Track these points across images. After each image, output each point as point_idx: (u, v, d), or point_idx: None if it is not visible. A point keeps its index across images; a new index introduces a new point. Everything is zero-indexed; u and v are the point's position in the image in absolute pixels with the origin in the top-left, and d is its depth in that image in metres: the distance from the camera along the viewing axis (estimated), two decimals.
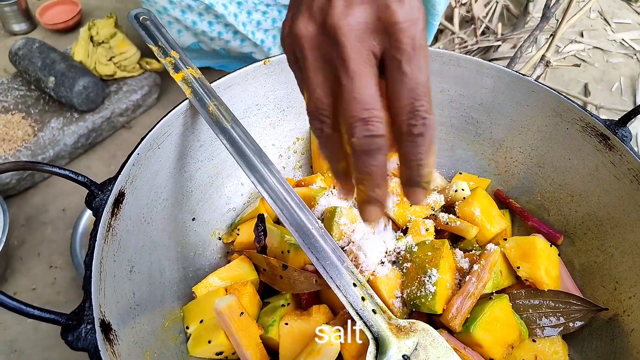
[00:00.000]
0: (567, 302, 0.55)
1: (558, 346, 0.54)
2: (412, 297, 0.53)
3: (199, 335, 0.53)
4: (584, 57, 1.50)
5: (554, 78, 1.42)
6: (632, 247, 0.55)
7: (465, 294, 0.52)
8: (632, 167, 0.56)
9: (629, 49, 1.54)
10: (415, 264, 0.54)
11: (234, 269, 0.57)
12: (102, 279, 0.46)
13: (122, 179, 0.53)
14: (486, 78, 0.67)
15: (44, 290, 1.02)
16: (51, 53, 1.15)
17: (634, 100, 1.38)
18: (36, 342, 0.96)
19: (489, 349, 0.51)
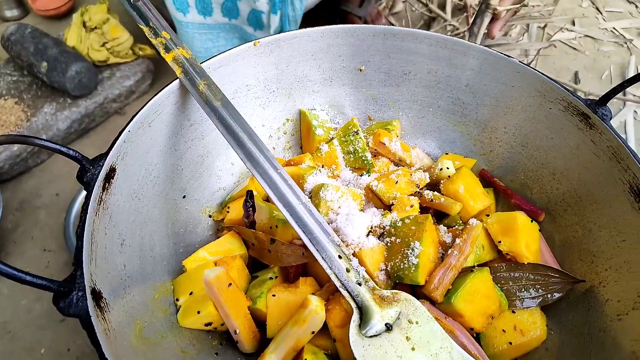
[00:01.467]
0: (546, 275, 0.57)
1: (536, 317, 0.56)
2: (395, 269, 0.54)
3: (189, 307, 0.54)
4: (575, 45, 1.51)
5: (545, 66, 1.44)
6: (609, 222, 0.57)
7: (447, 266, 0.54)
8: (611, 144, 0.57)
9: (620, 38, 1.55)
10: (399, 237, 0.56)
11: (223, 244, 0.59)
12: (94, 250, 0.48)
13: (113, 155, 0.54)
14: (472, 59, 0.68)
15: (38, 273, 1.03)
16: (44, 38, 1.15)
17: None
18: (29, 323, 0.98)
19: (469, 318, 0.53)
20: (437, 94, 0.73)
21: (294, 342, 0.51)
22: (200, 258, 0.57)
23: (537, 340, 0.55)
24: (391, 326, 0.49)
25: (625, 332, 0.49)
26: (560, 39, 1.51)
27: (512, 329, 0.55)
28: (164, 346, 0.50)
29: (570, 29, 1.55)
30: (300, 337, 0.51)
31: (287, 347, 0.51)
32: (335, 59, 0.72)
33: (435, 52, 0.69)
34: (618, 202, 0.56)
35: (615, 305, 0.52)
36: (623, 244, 0.54)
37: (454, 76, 0.71)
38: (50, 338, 0.96)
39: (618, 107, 1.35)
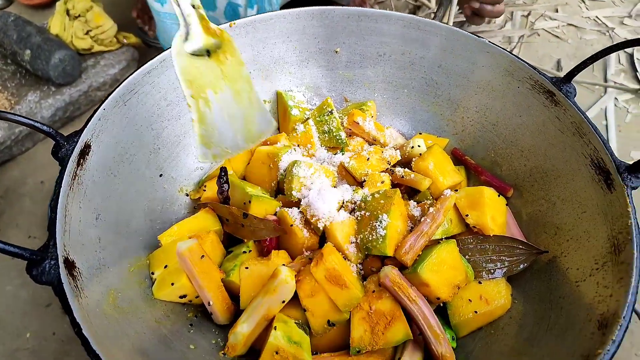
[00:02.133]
0: (511, 247, 0.59)
1: (502, 287, 0.58)
2: (365, 241, 0.56)
3: (163, 279, 0.56)
4: (558, 33, 1.53)
5: (528, 53, 1.45)
6: (572, 195, 0.58)
7: (419, 232, 0.56)
8: (574, 120, 0.59)
9: (602, 26, 1.57)
10: (368, 211, 0.57)
11: (198, 220, 0.60)
12: (67, 222, 0.49)
13: (88, 132, 0.55)
14: (443, 40, 0.70)
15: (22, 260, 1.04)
16: (27, 26, 1.16)
17: (605, 75, 1.42)
18: (14, 309, 0.99)
19: (435, 288, 0.54)
20: (411, 74, 0.74)
21: (265, 311, 0.52)
22: (175, 232, 0.59)
23: (502, 308, 0.57)
24: (209, 53, 0.58)
25: (582, 296, 0.51)
26: (544, 27, 1.53)
27: (477, 299, 0.57)
28: (138, 316, 0.51)
29: (553, 18, 1.57)
30: (271, 307, 0.53)
31: (258, 316, 0.53)
32: (311, 41, 0.73)
33: (408, 34, 0.71)
34: (580, 175, 0.58)
35: (574, 273, 0.54)
36: (583, 215, 0.56)
37: (426, 57, 0.72)
38: (35, 323, 0.97)
39: (599, 94, 1.37)
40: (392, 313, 0.53)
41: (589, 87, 1.37)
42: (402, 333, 0.52)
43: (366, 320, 0.53)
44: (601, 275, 0.50)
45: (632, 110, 1.31)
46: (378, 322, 0.53)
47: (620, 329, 0.43)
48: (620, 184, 0.52)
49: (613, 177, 0.53)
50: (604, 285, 0.49)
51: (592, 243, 0.53)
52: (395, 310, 0.53)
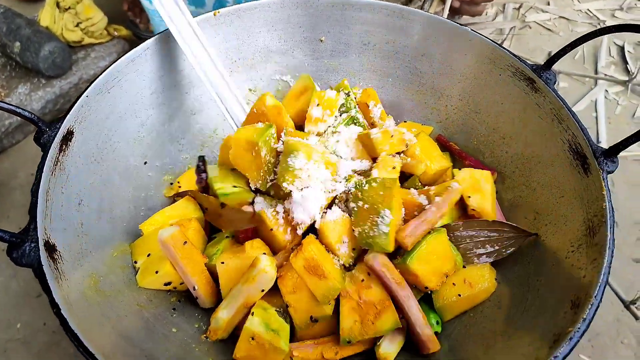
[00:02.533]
0: (501, 231, 0.59)
1: (486, 271, 0.59)
2: (364, 236, 0.55)
3: (147, 268, 0.56)
4: (549, 26, 1.54)
5: (519, 46, 1.46)
6: (551, 180, 0.59)
7: (422, 218, 0.55)
8: (553, 106, 0.60)
9: (594, 19, 1.58)
10: (367, 203, 0.56)
11: (179, 208, 0.61)
12: (49, 206, 0.50)
13: (71, 119, 0.56)
14: (427, 29, 0.70)
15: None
16: (16, 18, 1.16)
17: (595, 68, 1.43)
18: (6, 301, 0.99)
19: (423, 278, 0.54)
20: (395, 63, 0.75)
21: (244, 299, 0.53)
22: (157, 221, 0.59)
23: (486, 292, 0.58)
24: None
25: (558, 278, 0.51)
26: (535, 19, 1.53)
27: (461, 282, 0.57)
28: (120, 300, 0.52)
29: (544, 10, 1.57)
30: (250, 295, 0.53)
31: (237, 303, 0.53)
32: (296, 30, 0.74)
33: (392, 22, 0.71)
34: (559, 161, 0.58)
35: (551, 256, 0.54)
36: (561, 199, 0.57)
37: (410, 46, 0.72)
38: (26, 314, 0.97)
39: (590, 86, 1.38)
40: (382, 303, 0.53)
41: (580, 79, 1.37)
42: (391, 322, 0.52)
43: (356, 311, 0.53)
44: (576, 257, 0.51)
45: (622, 103, 1.32)
46: (368, 312, 0.53)
47: (592, 308, 0.44)
48: (596, 168, 0.53)
49: (589, 161, 0.54)
50: (578, 267, 0.50)
51: (569, 227, 0.54)
52: (384, 300, 0.53)
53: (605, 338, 0.92)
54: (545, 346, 0.44)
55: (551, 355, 0.41)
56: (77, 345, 0.41)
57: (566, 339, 0.42)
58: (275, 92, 0.78)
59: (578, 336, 0.42)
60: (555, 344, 0.43)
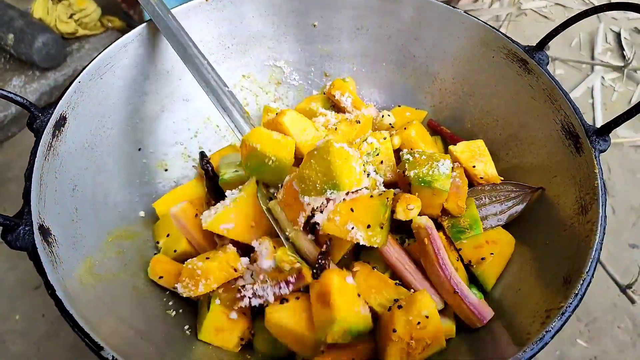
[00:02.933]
0: (506, 192, 0.60)
1: (501, 230, 0.60)
2: (422, 175, 0.55)
3: (167, 248, 0.59)
4: (545, 13, 1.53)
5: (515, 32, 1.45)
6: (544, 161, 0.59)
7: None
8: (546, 87, 0.60)
9: (589, 5, 1.57)
10: (424, 154, 0.58)
11: (189, 187, 0.64)
12: (43, 191, 0.50)
13: (63, 104, 0.56)
14: (419, 12, 0.70)
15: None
16: (8, 10, 1.15)
17: (592, 54, 1.42)
18: (4, 292, 0.99)
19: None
20: (389, 48, 0.75)
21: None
22: (169, 200, 0.62)
23: (510, 245, 0.58)
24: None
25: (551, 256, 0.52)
26: (531, 7, 1.53)
27: (485, 244, 0.57)
28: (115, 283, 0.52)
29: None
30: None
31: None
32: (288, 15, 0.73)
33: (384, 6, 0.71)
34: (552, 141, 0.59)
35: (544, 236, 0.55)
36: (554, 179, 0.57)
37: (403, 30, 0.72)
38: (24, 305, 0.97)
39: (586, 72, 1.37)
40: (433, 337, 0.48)
41: (576, 65, 1.37)
42: (439, 346, 0.49)
43: (404, 350, 0.48)
44: (569, 235, 0.51)
45: (619, 89, 1.32)
46: (417, 347, 0.48)
47: (583, 283, 0.44)
48: (589, 147, 0.53)
49: (582, 140, 0.54)
50: (570, 244, 0.50)
51: (561, 206, 0.54)
52: (437, 332, 0.49)
53: (602, 322, 0.93)
54: (538, 321, 0.44)
55: (543, 329, 0.42)
56: (73, 326, 0.41)
57: (558, 314, 0.42)
58: (268, 78, 0.78)
59: (570, 311, 0.43)
60: (547, 319, 0.43)
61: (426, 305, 0.48)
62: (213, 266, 0.51)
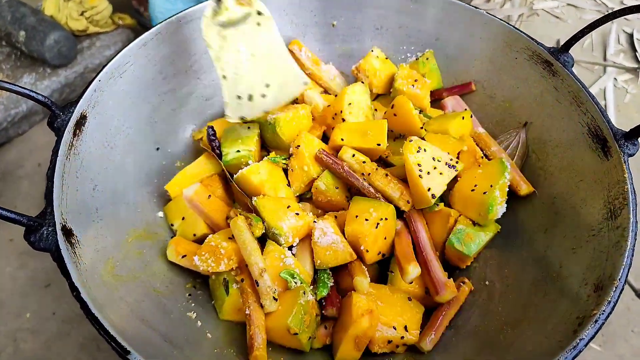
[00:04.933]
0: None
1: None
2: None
3: (184, 231, 0.60)
4: (557, 13, 1.52)
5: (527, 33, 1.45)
6: (569, 164, 0.58)
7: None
8: (572, 89, 0.59)
9: (602, 6, 1.56)
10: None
11: (199, 165, 0.63)
12: (64, 191, 0.49)
13: (84, 103, 0.55)
14: (441, 12, 0.69)
15: (21, 243, 1.04)
16: (20, 7, 1.14)
17: (604, 55, 1.41)
18: (14, 290, 0.99)
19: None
20: (408, 48, 0.74)
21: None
22: (180, 180, 0.62)
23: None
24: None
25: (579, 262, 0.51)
26: (543, 7, 1.52)
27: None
28: (136, 284, 0.52)
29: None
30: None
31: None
32: (308, 14, 0.73)
33: (405, 6, 0.70)
34: (577, 145, 0.58)
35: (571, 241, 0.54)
36: (580, 183, 0.56)
37: (424, 30, 0.71)
38: (35, 303, 0.97)
39: (598, 74, 1.36)
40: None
41: (589, 67, 1.36)
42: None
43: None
44: (598, 240, 0.50)
45: (631, 91, 1.31)
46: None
47: (616, 291, 0.43)
48: (617, 151, 0.52)
49: (610, 144, 0.53)
50: (600, 250, 0.49)
51: (588, 210, 0.54)
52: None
53: (616, 327, 0.92)
54: (570, 329, 0.43)
55: (577, 337, 0.41)
56: (98, 328, 0.40)
57: (591, 322, 0.42)
58: None
59: (603, 319, 0.42)
60: (580, 326, 0.42)
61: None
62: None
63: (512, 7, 1.48)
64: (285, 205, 0.57)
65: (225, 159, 0.62)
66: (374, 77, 0.71)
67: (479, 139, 0.66)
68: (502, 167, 0.58)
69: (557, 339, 0.43)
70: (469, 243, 0.57)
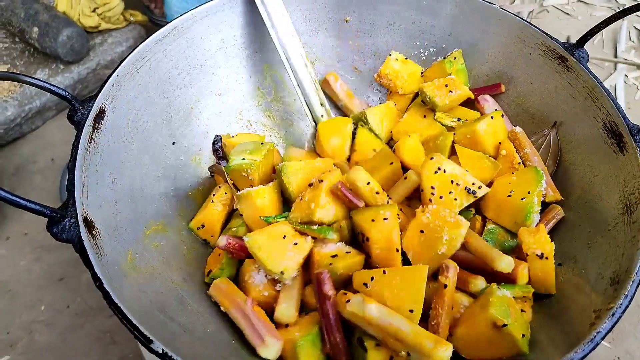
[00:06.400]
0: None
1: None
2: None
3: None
4: (568, 10, 1.51)
5: None
6: (584, 160, 0.59)
7: None
8: (586, 85, 0.59)
9: (612, 2, 1.55)
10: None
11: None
12: (85, 183, 0.50)
13: (103, 97, 0.56)
14: (454, 8, 0.69)
15: (36, 236, 1.06)
16: (34, 4, 1.15)
17: (615, 52, 1.40)
18: (29, 283, 1.01)
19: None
20: (421, 43, 0.74)
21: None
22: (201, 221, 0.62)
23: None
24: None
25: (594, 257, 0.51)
26: (553, 3, 1.51)
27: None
28: (155, 277, 0.52)
29: None
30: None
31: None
32: (321, 10, 0.73)
33: (419, 2, 0.70)
34: (592, 139, 0.58)
35: (586, 235, 0.54)
36: (595, 179, 0.56)
37: (437, 26, 0.72)
38: (49, 296, 0.99)
39: (609, 71, 1.36)
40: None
41: (599, 63, 1.35)
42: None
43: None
44: (613, 235, 0.50)
45: None
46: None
47: (633, 284, 0.44)
48: (633, 145, 0.52)
49: (626, 139, 0.53)
50: (616, 245, 0.49)
51: (603, 205, 0.54)
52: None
53: (625, 323, 0.92)
54: (586, 323, 0.44)
55: (594, 330, 0.41)
56: (121, 318, 0.41)
57: (608, 315, 0.42)
58: None
59: (620, 312, 0.42)
60: (598, 319, 0.42)
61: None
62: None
63: (522, 3, 1.47)
64: (281, 236, 0.53)
65: (229, 164, 0.62)
66: (397, 79, 0.72)
67: (514, 138, 0.63)
68: (538, 175, 0.56)
69: (574, 332, 0.44)
70: (502, 241, 0.56)
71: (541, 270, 0.51)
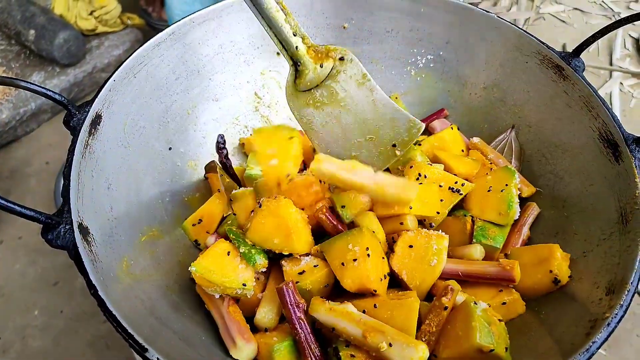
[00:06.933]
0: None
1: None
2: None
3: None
4: (563, 18, 1.52)
5: None
6: (580, 168, 0.59)
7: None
8: (582, 94, 0.59)
9: (608, 11, 1.56)
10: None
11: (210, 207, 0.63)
12: (80, 189, 0.49)
13: (99, 102, 0.55)
14: (452, 16, 0.70)
15: (30, 239, 1.05)
16: (30, 6, 1.15)
17: (610, 60, 1.42)
18: (23, 287, 1.00)
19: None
20: (418, 51, 0.74)
21: None
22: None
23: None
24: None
25: (590, 266, 0.51)
26: (549, 11, 1.52)
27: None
28: (150, 283, 0.52)
29: (558, 2, 1.56)
30: None
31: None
32: (319, 16, 0.73)
33: (416, 9, 0.71)
34: (588, 149, 0.58)
35: (582, 244, 0.54)
36: (591, 188, 0.57)
37: (434, 33, 0.72)
38: (43, 301, 0.98)
39: (604, 79, 1.37)
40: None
41: (594, 71, 1.36)
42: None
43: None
44: (608, 244, 0.51)
45: (637, 95, 1.31)
46: None
47: (628, 294, 0.44)
48: (629, 155, 0.53)
49: (621, 149, 0.54)
50: (612, 254, 0.49)
51: (599, 214, 0.54)
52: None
53: (620, 331, 0.92)
54: (582, 332, 0.44)
55: (589, 340, 0.41)
56: (116, 326, 0.41)
57: (604, 325, 0.42)
58: None
59: (615, 322, 0.42)
60: (593, 329, 0.42)
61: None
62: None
63: (519, 11, 1.48)
64: (225, 253, 0.52)
65: (248, 173, 0.63)
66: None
67: (476, 148, 0.68)
68: (511, 172, 0.61)
69: (569, 342, 0.44)
70: (494, 236, 0.57)
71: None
